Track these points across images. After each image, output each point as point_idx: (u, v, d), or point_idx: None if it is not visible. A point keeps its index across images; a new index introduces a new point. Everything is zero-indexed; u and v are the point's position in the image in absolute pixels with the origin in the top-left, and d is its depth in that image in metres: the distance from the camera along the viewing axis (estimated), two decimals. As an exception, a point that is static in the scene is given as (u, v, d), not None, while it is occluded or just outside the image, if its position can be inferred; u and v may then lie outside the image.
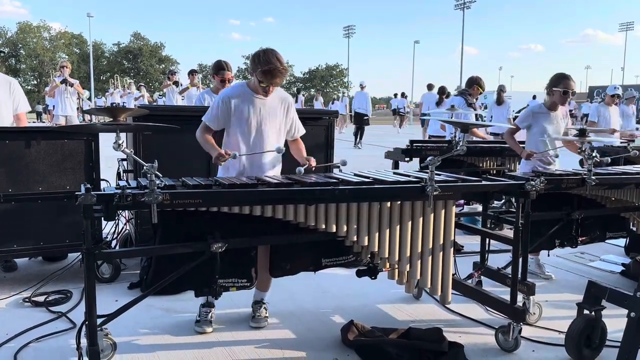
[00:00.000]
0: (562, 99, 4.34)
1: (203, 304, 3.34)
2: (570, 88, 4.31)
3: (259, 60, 3.08)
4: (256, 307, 3.41)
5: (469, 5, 47.29)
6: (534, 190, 3.11)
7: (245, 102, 3.18)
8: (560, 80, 4.33)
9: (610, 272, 4.60)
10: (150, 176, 2.41)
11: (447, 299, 3.13)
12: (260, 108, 3.20)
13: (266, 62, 3.03)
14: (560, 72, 4.40)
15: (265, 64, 3.03)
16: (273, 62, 3.03)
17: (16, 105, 4.46)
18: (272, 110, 3.25)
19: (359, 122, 16.82)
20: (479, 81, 6.76)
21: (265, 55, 3.07)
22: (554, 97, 4.36)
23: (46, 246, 3.92)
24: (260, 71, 3.04)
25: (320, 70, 71.48)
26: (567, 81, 4.31)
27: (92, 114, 13.62)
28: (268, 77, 3.05)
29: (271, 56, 3.06)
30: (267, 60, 3.04)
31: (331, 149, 4.80)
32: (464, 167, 5.65)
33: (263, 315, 3.38)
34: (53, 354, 2.93)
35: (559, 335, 3.22)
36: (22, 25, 57.15)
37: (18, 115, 4.49)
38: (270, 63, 3.03)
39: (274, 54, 3.08)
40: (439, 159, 2.89)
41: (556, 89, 4.31)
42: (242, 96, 3.19)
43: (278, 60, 3.06)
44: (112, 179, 4.25)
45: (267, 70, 3.03)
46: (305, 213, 2.78)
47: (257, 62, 3.08)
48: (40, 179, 3.81)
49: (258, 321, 3.35)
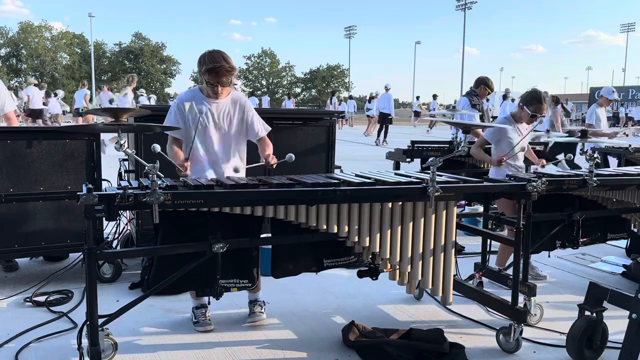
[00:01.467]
0: (529, 120, 4.34)
1: (196, 306, 3.32)
2: (540, 113, 4.27)
3: (204, 60, 3.08)
4: (252, 306, 3.40)
5: (470, 6, 47.36)
6: (535, 191, 3.11)
7: (198, 106, 3.18)
8: (532, 102, 4.26)
9: (612, 274, 4.60)
10: (151, 176, 2.41)
11: (448, 300, 3.13)
12: (214, 112, 3.21)
13: (211, 61, 3.04)
14: (536, 92, 4.32)
15: (210, 63, 3.03)
16: (218, 61, 3.04)
17: (1, 105, 4.39)
18: (226, 112, 3.24)
19: (383, 121, 17.88)
20: (487, 81, 6.71)
21: (210, 55, 3.08)
22: (523, 115, 4.33)
23: (47, 246, 3.92)
24: (206, 69, 3.04)
25: (321, 71, 71.47)
26: (539, 105, 4.24)
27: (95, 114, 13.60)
28: (213, 76, 3.06)
29: (216, 55, 3.07)
30: (212, 59, 3.05)
31: (332, 150, 4.80)
32: (465, 168, 5.64)
33: (258, 311, 3.37)
34: (54, 354, 2.93)
35: (560, 337, 3.22)
36: (24, 25, 57.16)
37: (7, 115, 4.44)
38: (216, 62, 3.03)
39: (220, 54, 3.09)
40: (440, 160, 2.89)
41: (526, 109, 4.27)
42: (195, 100, 3.20)
43: (224, 59, 3.06)
44: (113, 179, 4.26)
45: (211, 68, 3.03)
46: (306, 214, 2.78)
47: (203, 62, 3.08)
48: (41, 178, 3.81)
49: (254, 317, 3.34)
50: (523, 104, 4.30)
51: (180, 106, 3.20)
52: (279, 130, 4.54)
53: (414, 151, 5.68)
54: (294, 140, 4.63)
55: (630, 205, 3.95)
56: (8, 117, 4.49)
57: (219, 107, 3.22)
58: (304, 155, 4.64)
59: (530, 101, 4.27)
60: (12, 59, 56.85)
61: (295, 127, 4.67)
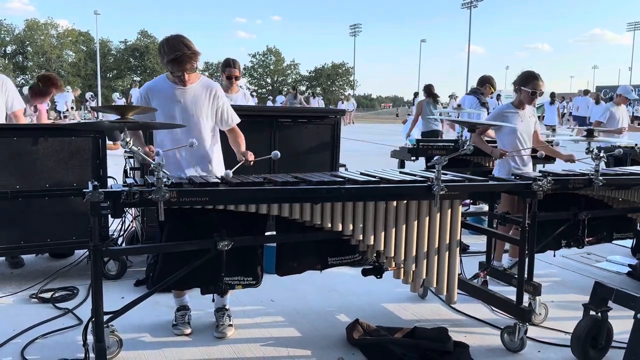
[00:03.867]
0: (530, 99, 4.24)
1: (177, 308, 3.27)
2: (538, 89, 4.19)
3: (164, 50, 2.95)
4: (219, 315, 3.26)
5: (475, 4, 47.17)
6: (540, 190, 3.10)
7: (166, 94, 3.08)
8: (529, 80, 4.19)
9: (617, 273, 4.58)
10: (157, 174, 2.42)
11: (452, 299, 3.12)
12: (182, 99, 3.09)
13: (172, 50, 2.90)
14: (529, 71, 4.28)
15: (172, 52, 2.90)
16: (179, 49, 2.90)
17: (10, 104, 4.45)
18: (196, 99, 3.12)
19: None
20: (491, 80, 6.73)
21: (168, 44, 2.94)
22: (522, 96, 4.25)
23: (53, 243, 3.94)
24: (167, 61, 2.92)
25: (326, 69, 71.38)
26: (536, 82, 4.17)
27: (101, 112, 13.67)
28: (177, 65, 2.94)
29: (176, 43, 2.93)
30: (172, 48, 2.91)
31: (337, 148, 4.79)
32: (470, 167, 5.63)
33: (227, 323, 3.22)
34: (60, 350, 2.94)
35: (565, 336, 3.21)
36: (30, 23, 57.31)
37: (15, 114, 4.50)
38: (177, 50, 2.90)
39: (180, 40, 2.95)
40: (445, 159, 2.88)
41: (524, 89, 4.19)
42: (162, 88, 3.10)
43: (185, 45, 2.92)
44: (119, 176, 4.27)
45: (174, 58, 2.91)
46: (311, 212, 2.78)
47: (163, 52, 2.95)
48: (47, 176, 3.82)
49: (222, 332, 3.18)
50: (519, 85, 4.23)
51: (143, 93, 3.11)
52: (283, 128, 4.55)
53: (419, 150, 5.67)
54: (299, 138, 4.63)
55: (636, 204, 3.94)
56: (16, 115, 4.53)
57: (188, 93, 3.10)
58: (309, 153, 4.64)
59: (525, 80, 4.21)
60: (19, 57, 57.06)
61: (300, 125, 4.67)
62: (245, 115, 3.46)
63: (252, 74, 67.81)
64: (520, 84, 4.23)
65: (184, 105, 3.11)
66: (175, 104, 3.10)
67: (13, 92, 4.50)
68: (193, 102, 3.12)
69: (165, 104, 3.09)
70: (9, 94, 4.46)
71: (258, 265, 3.05)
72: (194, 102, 3.12)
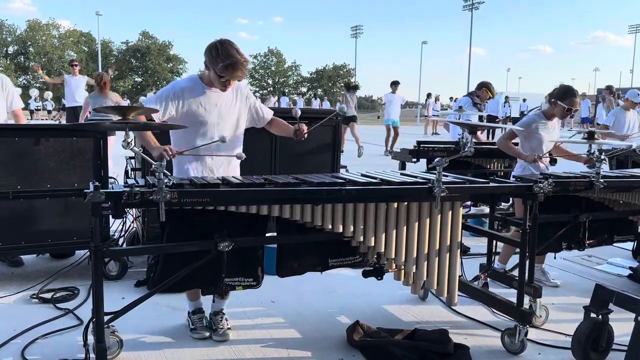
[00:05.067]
0: (564, 115, 4.23)
1: (193, 311, 3.24)
2: (575, 107, 4.18)
3: (217, 53, 2.87)
4: (217, 319, 3.23)
5: (477, 6, 47.16)
6: (541, 193, 3.10)
7: (200, 97, 3.00)
8: (567, 96, 4.17)
9: (618, 276, 4.58)
10: (158, 174, 2.42)
11: (453, 301, 3.12)
12: (217, 103, 3.03)
13: (227, 56, 2.85)
14: (568, 86, 4.28)
15: (227, 58, 2.85)
16: (234, 55, 2.86)
17: (10, 103, 4.50)
18: (229, 103, 3.09)
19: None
20: (489, 85, 6.81)
21: (223, 48, 2.88)
22: (556, 110, 4.23)
23: (54, 243, 3.94)
24: (222, 66, 2.85)
25: (327, 70, 71.46)
26: (574, 99, 4.16)
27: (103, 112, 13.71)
28: (230, 71, 2.87)
29: (230, 49, 2.88)
30: (227, 53, 2.86)
31: (338, 150, 4.79)
32: (472, 169, 5.63)
33: (226, 327, 3.20)
34: (60, 350, 2.94)
35: (565, 338, 3.21)
36: (32, 23, 57.46)
37: (15, 112, 4.56)
38: (232, 56, 2.85)
39: (233, 46, 2.90)
40: (446, 160, 2.88)
41: (560, 104, 4.18)
42: (196, 90, 3.01)
43: (238, 52, 2.89)
44: (120, 177, 4.27)
45: (229, 64, 2.85)
46: (311, 213, 2.78)
47: (216, 55, 2.87)
48: (48, 176, 3.82)
49: (223, 335, 3.16)
50: (556, 99, 4.21)
51: (177, 92, 2.97)
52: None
53: (420, 151, 5.67)
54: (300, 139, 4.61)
55: (638, 207, 3.93)
56: (16, 114, 4.57)
57: (223, 98, 3.07)
58: (310, 154, 4.64)
59: (563, 95, 4.19)
60: (20, 57, 57.18)
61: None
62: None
63: (253, 75, 67.87)
64: (557, 98, 4.21)
65: (218, 109, 3.04)
66: (208, 108, 3.01)
67: (13, 91, 4.55)
68: (227, 106, 3.07)
69: (198, 106, 3.00)
70: (9, 93, 4.50)
71: (259, 266, 3.05)
72: (228, 106, 3.07)
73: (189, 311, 3.27)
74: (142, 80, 62.24)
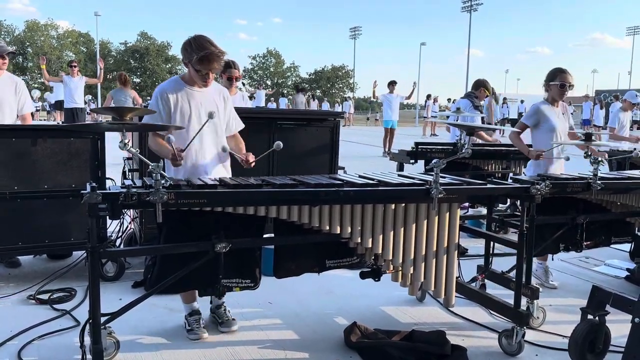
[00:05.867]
0: (560, 92, 4.29)
1: (189, 313, 3.23)
2: (567, 81, 4.26)
3: (191, 48, 2.92)
4: (220, 312, 3.32)
5: (475, 8, 47.22)
6: (539, 194, 3.10)
7: (183, 96, 3.04)
8: (556, 74, 4.29)
9: (615, 277, 4.58)
10: (155, 175, 2.42)
11: (450, 302, 3.12)
12: (200, 101, 3.06)
13: (200, 48, 2.90)
14: (556, 67, 4.36)
15: (200, 50, 2.89)
16: (208, 47, 2.90)
17: (21, 106, 4.52)
18: (212, 102, 3.11)
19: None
20: (486, 84, 6.81)
21: (196, 42, 2.93)
22: (552, 92, 4.32)
23: (51, 244, 3.94)
24: (197, 58, 2.89)
25: (326, 71, 71.47)
26: (563, 74, 4.26)
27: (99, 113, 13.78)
28: (205, 64, 2.92)
29: (204, 42, 2.93)
30: (200, 46, 2.91)
31: (336, 151, 4.79)
32: (469, 170, 5.64)
33: (230, 317, 3.30)
34: (57, 351, 2.94)
35: (562, 340, 3.21)
36: (30, 24, 57.42)
37: (24, 116, 4.56)
38: (205, 48, 2.90)
39: (206, 39, 2.95)
40: (444, 162, 2.88)
41: (553, 83, 4.27)
42: (178, 91, 3.04)
43: (212, 44, 2.93)
44: (117, 177, 4.27)
45: (203, 56, 2.89)
46: (309, 214, 2.78)
47: (190, 50, 2.92)
48: (46, 176, 3.82)
49: (229, 324, 3.26)
50: (548, 81, 4.32)
51: (163, 95, 3.01)
52: (282, 130, 4.54)
53: (418, 152, 5.67)
54: (298, 140, 4.62)
55: (635, 208, 3.94)
56: (25, 117, 4.59)
57: (205, 96, 3.09)
58: (308, 155, 4.64)
59: (552, 75, 4.31)
60: (19, 57, 57.09)
61: (299, 128, 4.67)
62: (244, 117, 3.46)
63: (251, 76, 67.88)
64: (549, 80, 4.33)
65: (202, 107, 3.06)
66: (193, 106, 3.05)
67: (26, 94, 4.57)
68: (210, 104, 3.08)
69: (183, 105, 3.03)
70: (22, 96, 4.52)
71: (256, 267, 3.05)
72: (210, 104, 3.09)
73: (186, 314, 3.26)
74: (140, 81, 62.19)
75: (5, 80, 4.47)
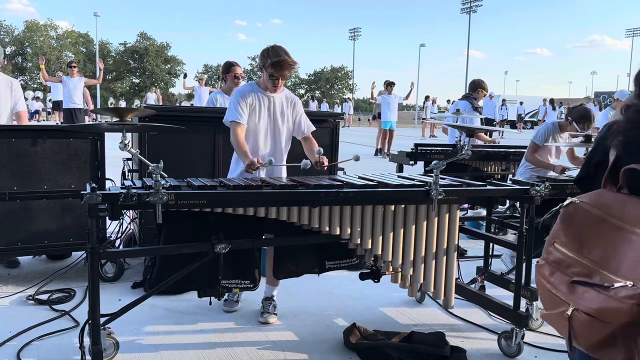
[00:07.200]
0: (575, 136, 4.40)
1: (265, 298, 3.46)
2: (588, 131, 4.34)
3: (268, 54, 3.27)
4: (266, 304, 3.46)
5: (475, 9, 47.26)
6: (538, 196, 3.10)
7: (258, 100, 3.33)
8: (583, 120, 4.36)
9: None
10: (155, 176, 2.42)
11: (450, 304, 3.12)
12: (272, 105, 3.35)
13: (275, 55, 3.23)
14: (587, 111, 4.44)
15: (275, 56, 3.22)
16: (282, 55, 3.23)
17: (14, 104, 4.55)
18: (282, 107, 3.39)
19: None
20: (482, 84, 6.84)
21: (273, 50, 3.28)
22: (569, 127, 4.44)
23: (50, 244, 3.93)
24: (271, 63, 3.21)
25: (325, 72, 71.49)
26: (589, 124, 4.36)
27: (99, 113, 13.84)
28: (277, 69, 3.23)
29: (279, 50, 3.27)
30: (275, 53, 3.25)
31: (336, 152, 4.79)
32: (469, 172, 5.64)
33: (272, 312, 3.43)
34: (56, 352, 2.93)
35: (561, 342, 3.21)
36: (29, 24, 57.37)
37: (19, 114, 4.60)
38: (280, 55, 3.23)
39: (282, 49, 3.29)
40: (443, 163, 2.89)
41: (575, 126, 4.37)
42: (254, 94, 3.33)
43: (286, 53, 3.26)
44: (117, 178, 4.27)
45: (276, 62, 3.21)
46: (309, 215, 2.78)
47: (267, 55, 3.27)
48: (45, 177, 3.82)
49: (266, 318, 3.40)
50: (572, 119, 4.40)
51: (243, 95, 3.30)
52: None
53: (418, 154, 5.68)
54: (298, 141, 4.61)
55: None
56: (19, 115, 4.60)
57: (276, 101, 3.37)
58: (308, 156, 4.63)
59: (580, 119, 4.39)
60: (18, 58, 57.08)
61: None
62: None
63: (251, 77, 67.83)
64: (574, 119, 4.41)
65: (273, 111, 3.36)
66: (266, 110, 3.34)
67: (20, 94, 4.63)
68: (280, 109, 3.38)
69: (258, 108, 3.32)
70: (16, 95, 4.56)
71: (256, 268, 3.05)
72: (281, 109, 3.38)
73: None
74: (140, 82, 62.20)
75: (2, 81, 4.49)
